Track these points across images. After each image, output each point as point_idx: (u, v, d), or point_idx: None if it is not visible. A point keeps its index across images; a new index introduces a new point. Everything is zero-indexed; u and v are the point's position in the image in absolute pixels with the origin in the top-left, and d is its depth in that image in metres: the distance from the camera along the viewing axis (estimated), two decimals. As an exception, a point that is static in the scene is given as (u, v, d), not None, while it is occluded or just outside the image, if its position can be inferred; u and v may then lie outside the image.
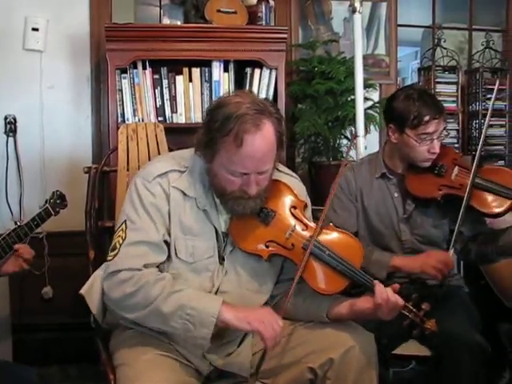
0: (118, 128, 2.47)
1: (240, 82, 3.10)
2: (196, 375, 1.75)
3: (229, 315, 1.63)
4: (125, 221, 1.73)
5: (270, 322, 1.64)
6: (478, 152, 2.27)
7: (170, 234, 1.74)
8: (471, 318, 2.12)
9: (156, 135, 2.36)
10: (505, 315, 2.78)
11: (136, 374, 1.61)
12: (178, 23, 3.18)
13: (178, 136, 2.52)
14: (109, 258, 1.72)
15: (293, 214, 1.81)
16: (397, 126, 2.22)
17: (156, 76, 3.01)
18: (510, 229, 2.20)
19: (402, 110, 2.19)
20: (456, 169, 2.27)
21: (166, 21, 3.24)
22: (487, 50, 4.05)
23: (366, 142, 3.01)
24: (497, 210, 2.20)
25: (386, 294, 1.69)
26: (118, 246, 1.70)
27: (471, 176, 2.19)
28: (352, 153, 2.99)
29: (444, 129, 2.21)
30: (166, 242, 1.73)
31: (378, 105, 3.38)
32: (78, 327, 2.64)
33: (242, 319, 1.64)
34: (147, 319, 1.67)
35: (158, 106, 3.02)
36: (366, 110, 3.17)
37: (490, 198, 2.21)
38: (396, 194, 2.31)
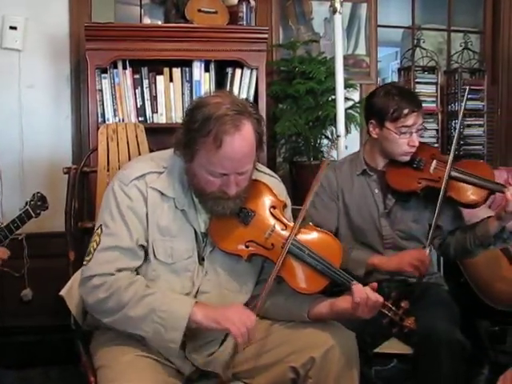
0: (98, 128, 2.46)
1: (221, 81, 3.10)
2: (177, 375, 1.75)
3: (199, 316, 1.63)
4: (100, 225, 1.73)
5: (241, 320, 1.64)
6: (453, 144, 2.33)
7: (148, 237, 1.73)
8: (451, 315, 2.14)
9: (136, 135, 2.35)
10: (483, 312, 2.81)
11: (116, 375, 1.61)
12: (159, 23, 3.17)
13: (158, 136, 2.52)
14: (84, 262, 1.72)
15: (272, 214, 1.81)
16: (377, 121, 2.27)
17: (136, 76, 3.00)
18: (485, 220, 2.23)
19: (381, 105, 2.25)
20: (434, 162, 2.32)
21: (146, 20, 3.23)
22: (465, 50, 4.10)
23: (346, 141, 3.03)
24: (474, 198, 2.25)
25: (365, 293, 1.69)
26: (92, 250, 1.70)
27: (448, 166, 2.24)
28: (333, 153, 3.00)
29: (422, 123, 2.27)
30: (142, 246, 1.73)
31: (358, 105, 3.39)
32: (59, 329, 2.63)
33: (211, 319, 1.64)
34: (120, 324, 1.67)
35: (138, 106, 3.00)
36: (346, 109, 3.18)
37: (466, 188, 2.27)
38: (376, 191, 2.35)
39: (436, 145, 3.87)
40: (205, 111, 1.64)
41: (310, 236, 1.80)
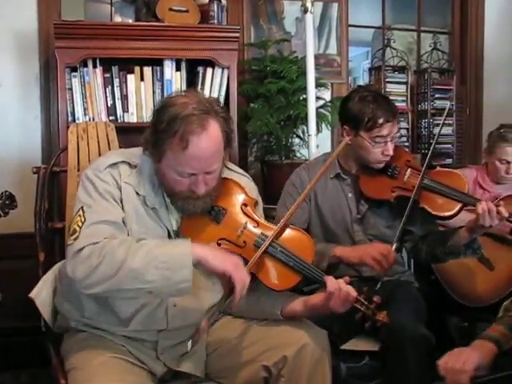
0: (68, 127, 2.43)
1: (192, 81, 3.09)
2: (150, 377, 1.74)
3: (203, 251, 1.61)
4: (81, 207, 1.69)
5: (242, 269, 1.63)
6: (428, 156, 2.31)
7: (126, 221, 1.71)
8: (417, 311, 2.16)
9: (107, 135, 2.33)
10: (453, 309, 2.85)
11: (88, 377, 1.59)
12: (130, 21, 3.14)
13: (129, 135, 2.49)
14: (69, 242, 1.65)
15: (244, 212, 1.81)
16: (351, 128, 2.25)
17: (107, 75, 2.97)
18: (457, 230, 2.22)
19: (356, 112, 2.21)
20: (409, 171, 2.31)
21: (117, 19, 3.20)
22: (435, 51, 4.15)
23: (317, 140, 3.04)
24: (447, 214, 2.24)
25: (338, 284, 1.71)
26: (77, 229, 1.64)
27: (419, 178, 2.23)
28: (304, 151, 3.02)
29: (397, 131, 2.25)
30: (124, 222, 1.70)
31: (329, 104, 3.42)
32: (29, 332, 2.57)
33: (217, 257, 1.62)
34: (121, 283, 1.58)
35: (109, 105, 2.97)
36: (317, 109, 3.21)
37: (440, 200, 2.25)
38: (350, 195, 2.34)
39: (406, 144, 3.92)
40: (171, 111, 1.64)
41: (283, 233, 1.81)
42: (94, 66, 2.94)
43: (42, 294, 1.87)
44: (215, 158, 1.68)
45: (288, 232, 1.82)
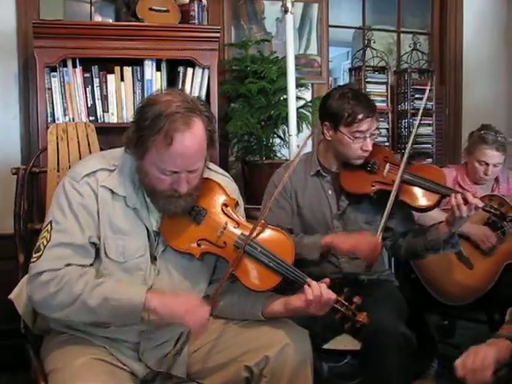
0: (47, 128, 2.42)
1: (172, 81, 3.08)
2: (131, 378, 1.73)
3: (154, 302, 1.63)
4: (50, 221, 1.69)
5: (197, 312, 1.65)
6: (407, 149, 2.35)
7: (99, 234, 1.71)
8: (398, 310, 2.18)
9: (87, 135, 2.32)
10: (433, 307, 2.88)
11: (68, 379, 1.58)
12: (110, 21, 3.13)
13: (109, 136, 2.49)
14: (32, 259, 1.68)
15: (224, 212, 1.81)
16: (331, 124, 2.28)
17: (87, 75, 2.95)
18: (436, 225, 2.26)
19: (336, 108, 2.25)
20: (388, 165, 2.34)
21: (97, 18, 3.19)
22: (414, 51, 4.18)
23: (298, 140, 3.05)
24: (426, 203, 2.28)
25: (319, 290, 1.72)
26: (42, 247, 1.66)
27: (400, 171, 2.26)
28: (284, 151, 3.02)
29: (376, 128, 2.29)
30: (93, 243, 1.70)
31: (310, 104, 3.43)
32: (8, 334, 2.55)
33: (168, 308, 1.64)
34: (76, 315, 1.64)
35: (89, 105, 2.96)
36: (298, 109, 3.21)
37: (419, 192, 2.29)
38: (330, 192, 2.36)
39: (386, 143, 3.95)
40: (155, 109, 1.63)
41: (263, 233, 1.81)
42: (74, 66, 2.92)
43: (21, 295, 1.85)
44: (198, 157, 1.68)
45: (268, 232, 1.82)
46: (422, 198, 2.29)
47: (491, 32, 4.28)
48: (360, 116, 2.21)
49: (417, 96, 4.01)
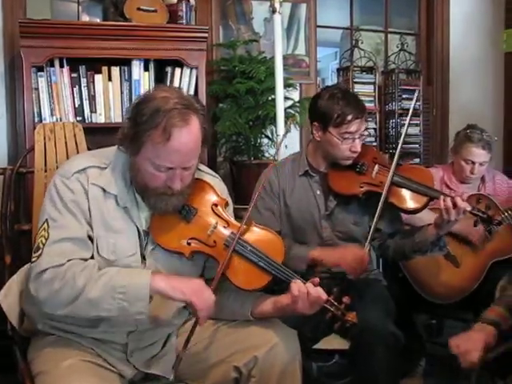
0: (34, 128, 2.40)
1: (160, 81, 3.07)
2: (119, 379, 1.72)
3: (162, 284, 1.62)
4: (46, 220, 1.68)
5: (203, 293, 1.64)
6: (397, 151, 2.36)
7: (92, 231, 1.70)
8: (386, 309, 2.19)
9: (75, 135, 2.31)
10: (421, 306, 2.89)
11: (56, 381, 1.56)
12: (97, 21, 3.11)
13: (97, 136, 2.48)
14: (33, 259, 1.66)
15: (214, 212, 1.81)
16: (320, 125, 2.28)
17: (74, 75, 2.94)
18: (424, 227, 2.27)
19: (325, 109, 2.25)
20: (376, 167, 2.34)
21: (84, 18, 3.17)
22: (402, 52, 4.20)
23: (286, 140, 3.05)
24: (414, 206, 2.28)
25: (305, 288, 1.72)
26: (41, 246, 1.65)
27: (390, 173, 2.27)
28: (272, 151, 3.02)
29: (365, 129, 2.29)
30: (90, 237, 1.69)
31: (298, 104, 3.44)
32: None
33: (176, 288, 1.63)
34: (80, 310, 1.61)
35: (76, 105, 2.94)
36: (286, 109, 3.22)
37: (407, 194, 2.30)
38: (318, 192, 2.36)
39: (374, 143, 3.97)
40: (153, 105, 1.63)
41: (253, 233, 1.81)
42: (61, 66, 2.90)
43: (8, 296, 1.84)
44: (194, 154, 1.69)
45: (257, 232, 1.82)
46: (410, 200, 2.29)
47: (478, 33, 4.32)
48: (349, 117, 2.21)
49: (404, 96, 4.03)
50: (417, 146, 4.10)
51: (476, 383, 2.10)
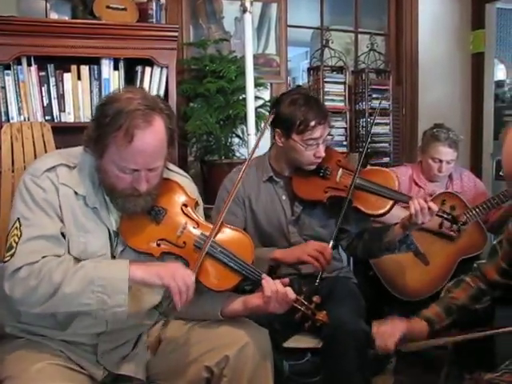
0: (1, 127, 2.36)
1: (130, 80, 3.04)
2: (90, 382, 1.71)
3: (139, 273, 1.61)
4: (18, 219, 1.65)
5: (182, 276, 1.63)
6: (362, 155, 2.34)
7: (64, 230, 1.68)
8: (356, 306, 2.20)
9: (43, 135, 2.28)
10: (391, 303, 2.93)
11: (25, 385, 1.55)
12: (66, 19, 3.07)
13: (66, 136, 2.44)
14: (6, 258, 1.62)
15: (184, 212, 1.81)
16: (283, 131, 2.24)
17: (42, 73, 2.89)
18: (392, 227, 2.27)
19: (287, 116, 2.20)
20: (340, 171, 2.33)
21: (53, 15, 3.12)
22: (372, 52, 4.23)
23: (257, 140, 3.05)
24: (379, 212, 2.27)
25: (275, 287, 1.73)
26: (14, 244, 1.62)
27: (352, 178, 2.25)
28: (243, 151, 3.02)
29: (328, 133, 2.26)
30: (63, 234, 1.67)
31: (268, 103, 3.44)
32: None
33: (154, 274, 1.62)
34: (58, 306, 1.59)
35: (45, 104, 2.90)
36: (256, 108, 3.22)
37: (372, 198, 2.27)
38: (284, 197, 2.35)
39: (344, 143, 4.00)
40: (116, 106, 1.62)
41: (223, 233, 1.81)
42: (29, 64, 2.86)
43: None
44: (159, 155, 1.67)
45: (227, 232, 1.83)
46: (375, 204, 2.26)
47: (446, 34, 4.39)
48: (312, 123, 2.17)
49: (374, 96, 4.07)
50: (386, 144, 4.14)
51: (445, 379, 2.14)
